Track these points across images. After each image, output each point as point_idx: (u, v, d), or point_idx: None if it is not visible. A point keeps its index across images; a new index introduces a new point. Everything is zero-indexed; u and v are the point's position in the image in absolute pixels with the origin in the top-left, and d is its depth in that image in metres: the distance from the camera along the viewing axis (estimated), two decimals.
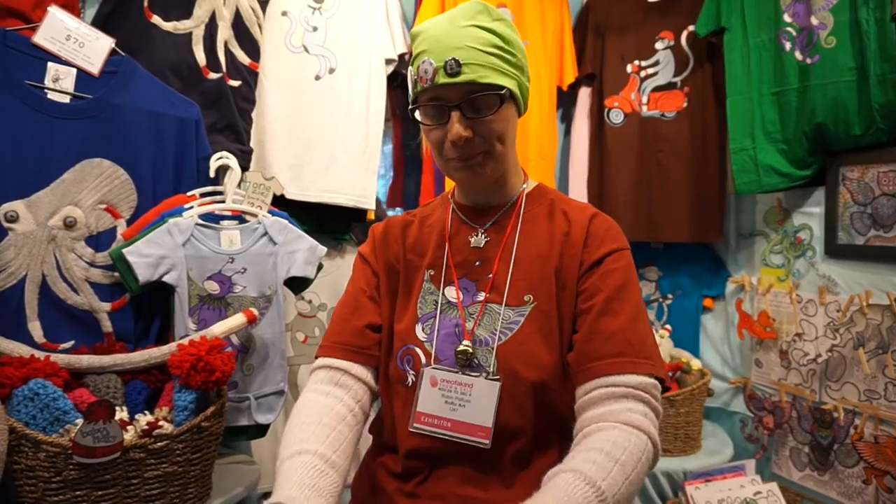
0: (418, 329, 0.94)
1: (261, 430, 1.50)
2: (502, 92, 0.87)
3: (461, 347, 0.90)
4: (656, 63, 2.08)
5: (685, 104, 2.03)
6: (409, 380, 0.92)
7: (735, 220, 2.07)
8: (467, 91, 0.85)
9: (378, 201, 2.06)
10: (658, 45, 2.07)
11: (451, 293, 0.95)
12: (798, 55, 1.69)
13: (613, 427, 0.79)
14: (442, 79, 0.85)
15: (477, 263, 0.96)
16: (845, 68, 1.58)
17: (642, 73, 2.09)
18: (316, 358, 0.99)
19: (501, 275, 0.93)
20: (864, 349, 1.60)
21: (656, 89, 2.07)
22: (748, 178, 1.82)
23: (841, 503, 1.67)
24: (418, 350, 0.93)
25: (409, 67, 0.93)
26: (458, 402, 0.88)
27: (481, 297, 0.93)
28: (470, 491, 0.87)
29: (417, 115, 0.92)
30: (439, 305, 0.94)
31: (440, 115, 0.88)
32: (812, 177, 1.77)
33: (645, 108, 2.07)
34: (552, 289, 0.91)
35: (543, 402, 0.89)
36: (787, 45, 1.71)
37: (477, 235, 0.98)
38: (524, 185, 1.01)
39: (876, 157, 1.60)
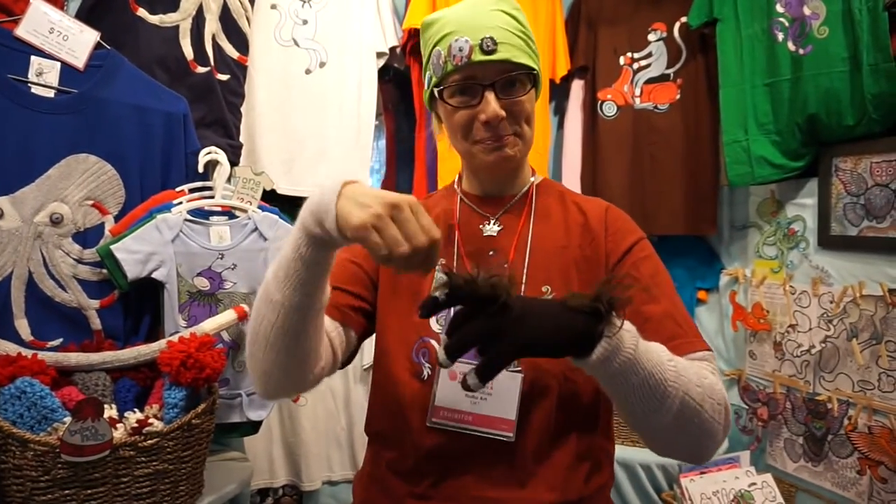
0: (433, 321, 0.91)
1: (253, 427, 1.49)
2: (534, 72, 0.88)
3: None
4: (649, 55, 2.07)
5: (678, 96, 2.03)
6: (426, 373, 0.89)
7: (728, 212, 2.06)
8: (502, 69, 0.85)
9: None
10: (651, 37, 2.06)
11: None
12: (790, 46, 1.68)
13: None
14: (478, 56, 0.84)
15: (490, 253, 0.93)
16: (838, 58, 1.58)
17: (635, 66, 2.08)
18: None
19: (517, 265, 0.91)
20: (858, 340, 1.60)
21: (649, 81, 2.06)
22: (741, 169, 1.82)
23: (835, 493, 1.67)
24: (434, 343, 0.90)
25: (435, 48, 0.90)
26: (480, 396, 0.86)
27: None
28: (486, 491, 0.84)
29: (443, 96, 0.89)
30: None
31: (472, 95, 0.87)
32: (805, 168, 1.76)
33: (638, 101, 2.07)
34: (572, 279, 0.89)
35: (565, 393, 0.87)
36: (780, 36, 1.70)
37: (489, 224, 0.95)
38: (533, 178, 1.00)
39: (868, 147, 1.59)
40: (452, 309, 0.86)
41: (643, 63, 2.07)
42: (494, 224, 0.95)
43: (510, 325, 0.63)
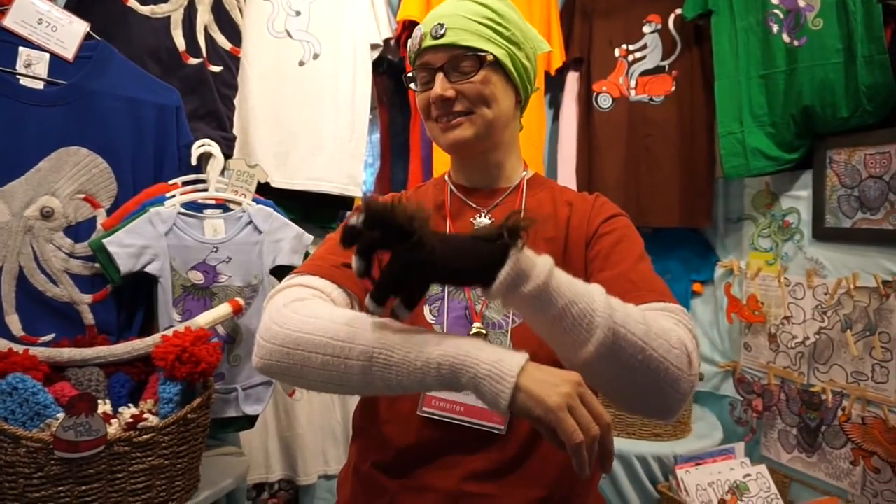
0: (426, 311, 0.90)
1: (249, 422, 1.48)
2: (483, 55, 0.88)
3: (474, 330, 0.87)
4: (644, 47, 2.06)
5: (673, 88, 2.02)
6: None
7: (723, 205, 2.07)
8: (451, 54, 0.88)
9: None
10: (646, 29, 2.06)
11: None
12: (785, 37, 1.68)
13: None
14: (428, 42, 0.89)
15: None
16: (832, 50, 1.58)
17: (630, 58, 2.08)
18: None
19: None
20: (852, 331, 1.61)
21: (644, 73, 2.06)
22: (736, 161, 1.82)
23: (829, 484, 1.69)
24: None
25: (408, 44, 0.95)
26: None
27: None
28: (475, 484, 0.83)
29: (413, 85, 0.94)
30: (446, 288, 0.91)
31: (428, 79, 0.91)
32: (800, 160, 1.77)
33: (633, 93, 2.06)
34: (563, 266, 0.88)
35: None
36: (775, 28, 1.70)
37: (480, 216, 0.95)
38: (524, 173, 1.00)
39: (863, 139, 1.60)
40: (446, 298, 0.87)
41: (638, 55, 2.07)
42: (485, 216, 0.95)
43: (425, 258, 0.61)
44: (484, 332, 0.87)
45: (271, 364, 0.72)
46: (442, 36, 0.88)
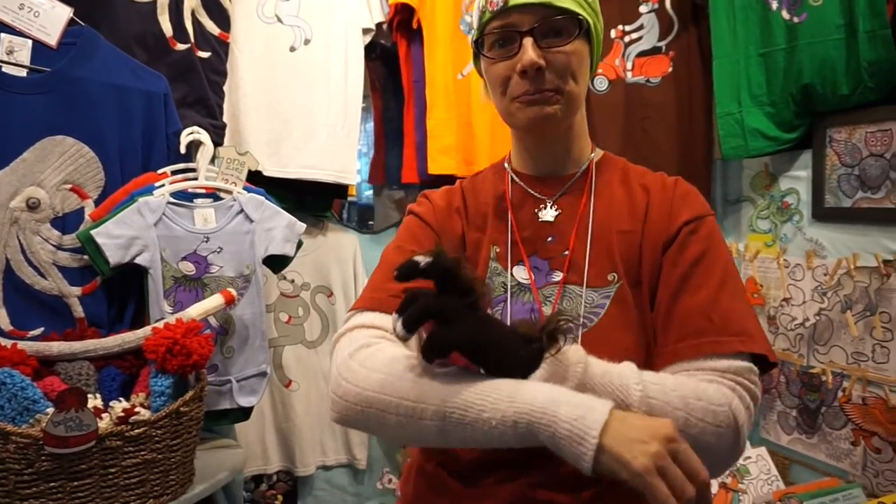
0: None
1: (244, 413, 1.46)
2: (581, 19, 0.78)
3: None
4: (640, 27, 2.03)
5: (670, 69, 1.99)
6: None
7: (722, 186, 2.04)
8: (542, 15, 0.77)
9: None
10: (642, 9, 2.02)
11: (521, 273, 0.84)
12: (785, 14, 1.65)
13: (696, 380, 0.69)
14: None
15: (549, 239, 0.85)
16: (833, 26, 1.55)
17: (626, 39, 2.04)
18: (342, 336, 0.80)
19: (579, 252, 0.82)
20: (852, 312, 1.60)
21: (641, 54, 2.02)
22: (735, 142, 1.79)
23: (829, 465, 1.68)
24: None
25: (477, 3, 0.83)
26: None
27: (557, 277, 0.82)
28: (542, 494, 0.76)
29: (482, 50, 0.83)
30: (509, 288, 0.83)
31: (510, 44, 0.79)
32: (799, 139, 1.74)
33: (630, 75, 2.03)
34: (638, 266, 0.81)
35: None
36: (774, 4, 1.66)
37: (545, 208, 0.87)
38: (593, 154, 0.91)
39: (863, 116, 1.57)
40: (509, 301, 0.80)
41: (634, 36, 2.03)
42: (552, 208, 0.86)
43: (470, 319, 0.60)
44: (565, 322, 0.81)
45: (348, 419, 0.71)
46: None
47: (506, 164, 0.93)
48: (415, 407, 0.64)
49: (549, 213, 0.86)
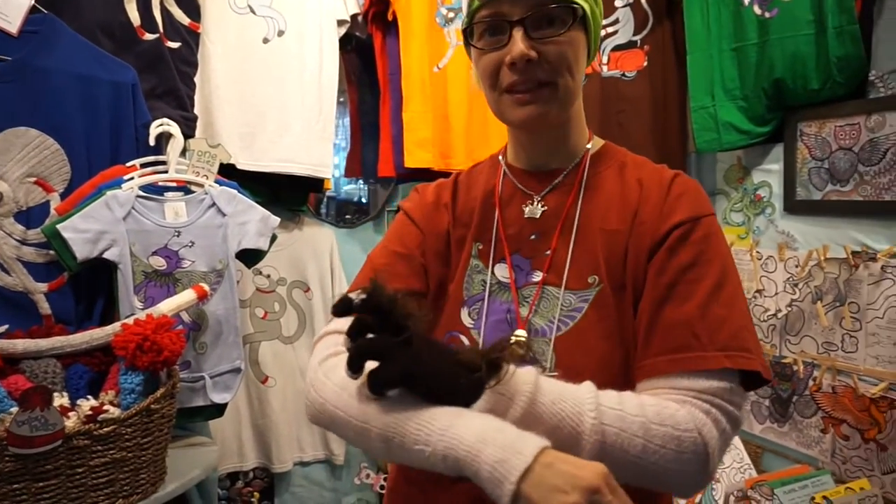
0: (464, 313, 0.81)
1: (218, 410, 1.44)
2: (575, 7, 0.73)
3: (514, 338, 0.77)
4: (616, 21, 2.03)
5: (645, 63, 2.00)
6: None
7: (696, 180, 2.06)
8: (534, 3, 0.72)
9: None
10: (617, 3, 2.03)
11: (502, 272, 0.81)
12: (757, 9, 1.67)
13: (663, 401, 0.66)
14: None
15: (532, 237, 0.81)
16: (803, 21, 1.57)
17: (602, 33, 2.05)
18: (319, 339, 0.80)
19: (561, 252, 0.78)
20: (822, 303, 1.63)
21: (616, 48, 2.03)
22: (709, 136, 1.81)
23: (800, 452, 1.71)
24: (463, 338, 0.79)
25: None
26: None
27: (537, 277, 0.79)
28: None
29: (471, 39, 0.78)
30: (488, 286, 0.80)
31: (499, 33, 0.74)
32: (771, 133, 1.77)
33: (605, 69, 2.04)
34: (622, 269, 0.76)
35: None
36: (746, 0, 1.68)
37: (532, 204, 0.82)
38: (589, 145, 0.86)
39: (833, 111, 1.60)
40: (487, 300, 0.78)
41: (610, 30, 2.04)
42: (539, 204, 0.82)
43: (403, 355, 0.59)
44: (524, 339, 0.77)
45: (319, 423, 0.72)
46: None
47: (500, 158, 0.90)
48: (363, 427, 0.64)
49: (535, 210, 0.82)
